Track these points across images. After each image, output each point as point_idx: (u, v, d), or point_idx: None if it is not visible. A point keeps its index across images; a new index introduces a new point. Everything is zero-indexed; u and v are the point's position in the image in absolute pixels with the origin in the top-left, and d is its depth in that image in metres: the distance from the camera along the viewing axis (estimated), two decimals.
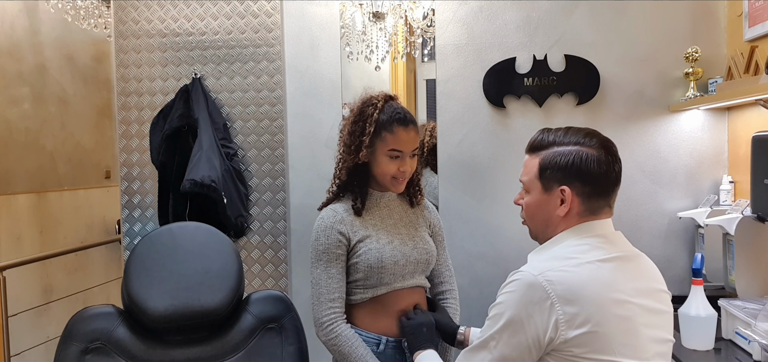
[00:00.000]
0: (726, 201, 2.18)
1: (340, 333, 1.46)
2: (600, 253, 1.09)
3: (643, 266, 1.16)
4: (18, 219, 3.21)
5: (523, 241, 2.37)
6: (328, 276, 1.49)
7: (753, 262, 1.79)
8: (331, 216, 1.51)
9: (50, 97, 3.49)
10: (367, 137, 1.48)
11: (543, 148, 1.17)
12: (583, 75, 2.29)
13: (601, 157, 1.11)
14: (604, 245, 1.11)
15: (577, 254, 1.09)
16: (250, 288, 2.35)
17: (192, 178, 2.07)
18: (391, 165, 1.49)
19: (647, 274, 1.15)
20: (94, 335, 1.46)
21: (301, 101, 2.42)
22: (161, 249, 1.55)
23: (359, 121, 1.51)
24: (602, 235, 1.13)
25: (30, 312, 3.19)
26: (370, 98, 1.53)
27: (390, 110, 1.50)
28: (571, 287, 1.03)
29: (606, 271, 1.07)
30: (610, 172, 1.12)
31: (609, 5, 2.29)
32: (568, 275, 1.05)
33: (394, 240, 1.52)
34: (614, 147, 1.15)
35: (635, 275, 1.12)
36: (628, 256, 1.13)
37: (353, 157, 1.50)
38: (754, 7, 2.04)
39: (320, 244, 1.50)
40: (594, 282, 1.05)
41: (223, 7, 2.35)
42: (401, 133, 1.48)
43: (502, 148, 2.36)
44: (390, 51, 2.60)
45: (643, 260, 1.17)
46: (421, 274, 1.58)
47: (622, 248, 1.15)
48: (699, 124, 2.29)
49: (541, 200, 1.17)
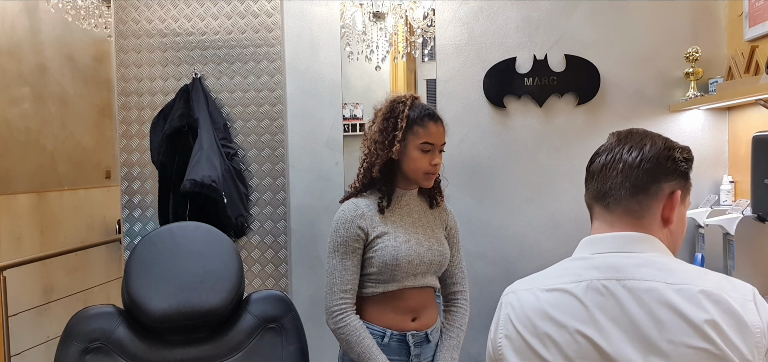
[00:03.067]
0: (726, 201, 2.18)
1: (348, 323, 1.51)
2: (574, 278, 0.91)
3: (648, 302, 0.85)
4: (18, 219, 3.21)
5: (524, 241, 2.39)
6: (343, 268, 1.53)
7: (753, 262, 1.79)
8: (353, 210, 1.55)
9: (50, 97, 3.49)
10: (400, 132, 1.53)
11: None
12: (584, 75, 2.29)
13: (599, 149, 0.98)
14: (586, 271, 0.91)
15: (555, 273, 0.96)
16: (250, 288, 2.35)
17: (192, 177, 2.07)
18: (423, 159, 1.54)
19: (655, 316, 0.84)
20: (94, 335, 1.46)
21: (301, 101, 2.42)
22: (161, 249, 1.55)
23: (390, 117, 1.56)
24: (595, 255, 0.93)
25: (30, 311, 3.19)
26: (397, 97, 1.59)
27: (419, 106, 1.57)
28: (516, 310, 0.95)
29: (563, 299, 0.90)
30: (594, 157, 0.97)
31: (609, 5, 2.29)
32: (522, 296, 0.95)
33: (411, 240, 1.56)
34: (619, 134, 0.97)
35: (624, 312, 0.86)
36: (618, 288, 0.87)
37: (387, 152, 1.54)
38: (755, 7, 2.04)
39: (339, 236, 1.54)
40: (537, 313, 0.91)
41: (223, 7, 2.35)
42: (432, 127, 1.54)
43: (503, 147, 2.36)
44: (390, 51, 2.60)
45: (657, 294, 0.85)
46: (432, 275, 1.62)
47: (618, 274, 0.88)
48: (699, 124, 2.29)
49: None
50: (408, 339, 1.57)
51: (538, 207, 2.37)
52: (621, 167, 0.93)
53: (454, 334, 1.65)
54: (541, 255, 2.36)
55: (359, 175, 1.62)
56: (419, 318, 1.59)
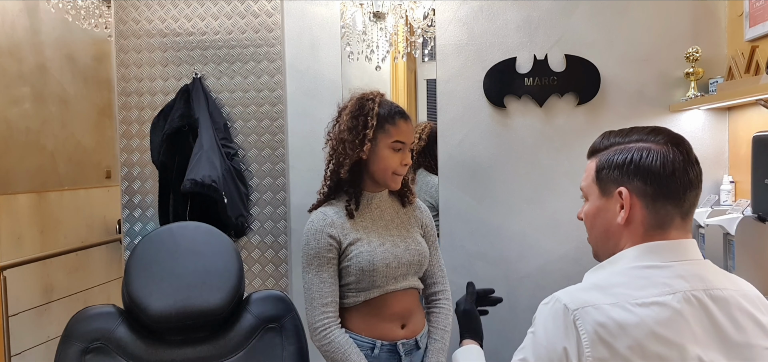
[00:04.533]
0: (726, 201, 2.18)
1: (333, 339, 1.46)
2: (661, 290, 0.87)
3: (731, 310, 0.88)
4: (18, 219, 3.21)
5: (524, 241, 2.39)
6: (320, 281, 1.48)
7: (753, 262, 1.79)
8: (321, 220, 1.50)
9: (51, 97, 3.49)
10: (370, 130, 1.46)
11: (602, 149, 1.00)
12: (584, 75, 2.29)
13: (667, 153, 0.92)
14: (671, 281, 0.88)
15: (630, 289, 0.88)
16: (250, 288, 2.35)
17: (192, 177, 2.07)
18: (393, 158, 1.49)
19: (738, 323, 0.88)
20: (94, 335, 1.46)
21: (301, 101, 2.42)
22: (162, 249, 1.55)
23: (360, 115, 1.49)
24: (670, 266, 0.90)
25: (30, 311, 3.19)
26: (364, 94, 1.53)
27: (388, 104, 1.52)
28: (611, 331, 0.84)
29: (664, 315, 0.85)
30: (678, 171, 0.91)
31: (609, 5, 2.29)
32: (609, 315, 0.85)
33: (386, 243, 1.51)
34: (687, 144, 0.94)
35: (714, 323, 0.87)
36: (709, 296, 0.88)
37: (357, 152, 1.47)
38: (755, 7, 2.04)
39: (311, 248, 1.49)
40: (639, 328, 0.84)
41: (223, 7, 2.35)
42: (403, 125, 1.50)
43: (503, 148, 2.36)
44: (390, 51, 2.60)
45: (734, 301, 0.89)
46: (414, 276, 1.57)
47: (701, 285, 0.89)
48: (699, 124, 2.29)
49: (600, 206, 0.99)
50: (399, 349, 1.52)
51: (538, 207, 2.37)
52: (696, 180, 0.94)
53: (439, 337, 1.59)
54: (542, 255, 2.36)
55: (325, 178, 1.57)
56: (408, 325, 1.54)
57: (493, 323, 1.15)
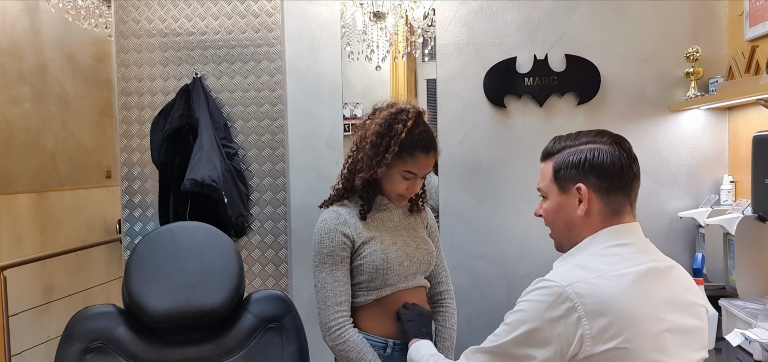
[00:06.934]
0: (727, 201, 2.17)
1: (347, 339, 1.46)
2: (631, 264, 1.04)
3: (676, 277, 1.09)
4: (18, 219, 3.21)
5: (524, 241, 2.38)
6: (334, 280, 1.47)
7: (753, 262, 1.79)
8: (334, 219, 1.50)
9: (51, 97, 3.49)
10: (390, 155, 1.45)
11: (556, 152, 1.16)
12: (584, 75, 2.29)
13: (614, 152, 1.09)
14: (636, 255, 1.06)
15: (607, 264, 1.04)
16: (250, 287, 2.35)
17: (192, 177, 2.07)
18: (401, 184, 1.49)
19: (682, 286, 1.09)
20: (94, 334, 1.46)
21: (301, 101, 2.42)
22: (162, 248, 1.55)
23: (386, 135, 1.45)
24: (631, 243, 1.08)
25: (31, 311, 3.19)
26: (399, 112, 1.47)
27: (417, 133, 1.46)
28: (603, 300, 0.98)
29: (639, 284, 1.02)
30: (625, 167, 1.09)
31: (610, 5, 2.29)
32: (599, 288, 0.99)
33: (398, 241, 1.53)
34: (627, 143, 1.12)
35: (669, 288, 1.06)
36: (660, 267, 1.07)
37: (372, 172, 1.47)
38: (755, 6, 2.03)
39: (324, 247, 1.48)
40: (626, 296, 0.99)
41: (223, 7, 2.35)
42: (422, 159, 1.47)
43: (503, 147, 2.36)
44: (390, 51, 2.61)
45: (676, 271, 1.10)
46: (422, 275, 1.59)
47: (654, 257, 1.09)
48: (700, 124, 2.29)
49: (560, 202, 1.14)
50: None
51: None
52: (638, 173, 1.13)
53: (447, 335, 1.62)
54: (542, 255, 2.36)
55: (341, 175, 1.57)
56: None
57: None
